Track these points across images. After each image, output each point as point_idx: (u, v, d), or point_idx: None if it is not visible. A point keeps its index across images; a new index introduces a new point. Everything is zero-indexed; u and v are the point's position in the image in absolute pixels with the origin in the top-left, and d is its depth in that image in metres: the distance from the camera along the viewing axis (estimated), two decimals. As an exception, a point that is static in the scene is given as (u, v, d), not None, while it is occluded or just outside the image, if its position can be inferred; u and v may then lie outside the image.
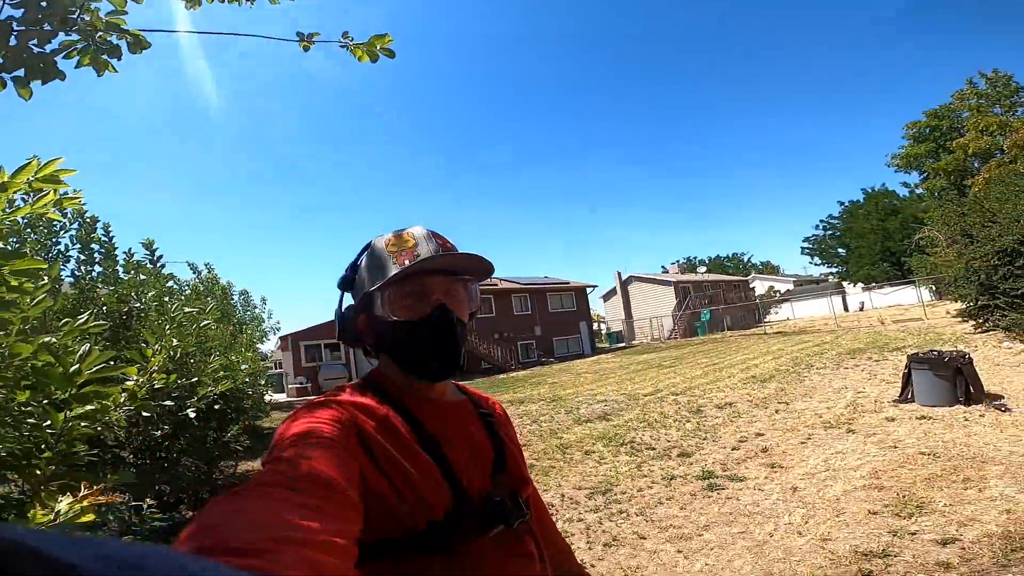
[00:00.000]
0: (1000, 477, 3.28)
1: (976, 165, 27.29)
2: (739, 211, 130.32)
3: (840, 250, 43.89)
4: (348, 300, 0.88)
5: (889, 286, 31.39)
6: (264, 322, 13.62)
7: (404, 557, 0.70)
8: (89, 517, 0.97)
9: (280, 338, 24.06)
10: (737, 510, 3.53)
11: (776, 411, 6.78)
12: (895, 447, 4.35)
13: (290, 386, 20.95)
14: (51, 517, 0.94)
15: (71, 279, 2.13)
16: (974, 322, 11.40)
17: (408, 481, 0.70)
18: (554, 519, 4.00)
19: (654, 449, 5.68)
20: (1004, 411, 4.85)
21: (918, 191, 34.57)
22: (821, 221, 46.48)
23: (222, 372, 1.97)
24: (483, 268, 0.85)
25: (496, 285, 26.21)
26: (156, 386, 1.60)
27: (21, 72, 1.20)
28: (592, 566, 3.07)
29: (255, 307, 13.86)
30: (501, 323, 24.85)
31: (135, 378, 1.47)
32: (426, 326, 0.78)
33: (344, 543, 0.46)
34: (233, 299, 13.41)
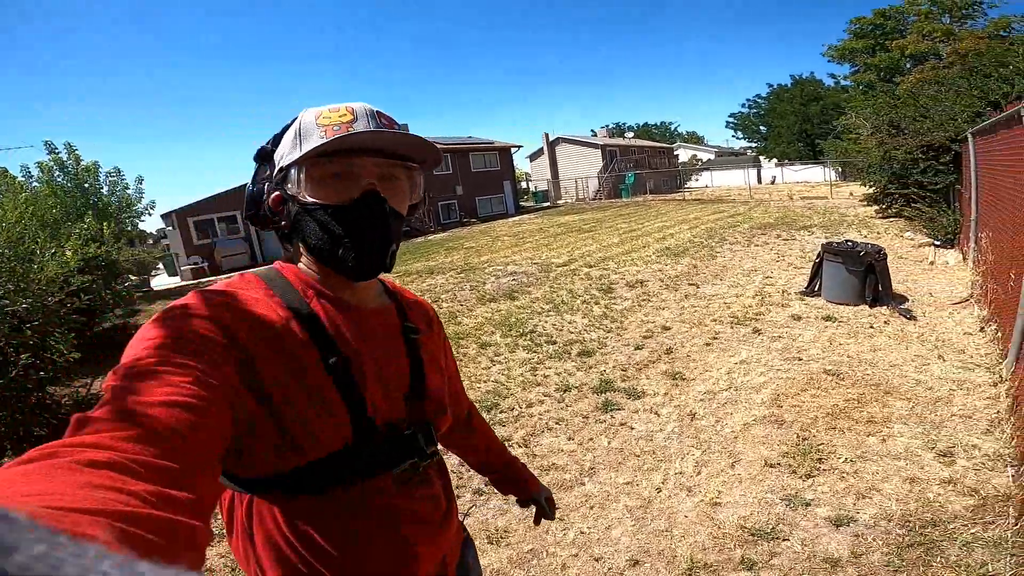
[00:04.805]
0: (905, 421, 2.99)
1: (908, 67, 27.49)
2: (671, 82, 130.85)
3: (762, 128, 46.63)
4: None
5: (800, 164, 34.42)
6: (136, 203, 11.71)
7: (290, 495, 0.60)
8: None
9: (163, 216, 19.93)
10: (627, 445, 3.10)
11: (686, 296, 6.56)
12: (799, 359, 4.08)
13: (183, 268, 17.93)
14: None
15: None
16: (877, 207, 11.80)
17: (296, 412, 0.58)
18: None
19: (555, 344, 5.24)
20: (909, 318, 4.71)
21: (844, 83, 37.52)
22: (748, 100, 50.42)
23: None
24: (431, 156, 0.70)
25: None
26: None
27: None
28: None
29: (126, 187, 11.77)
30: (418, 181, 23.18)
31: None
32: (350, 212, 0.64)
33: (178, 529, 0.35)
34: (99, 180, 11.41)
